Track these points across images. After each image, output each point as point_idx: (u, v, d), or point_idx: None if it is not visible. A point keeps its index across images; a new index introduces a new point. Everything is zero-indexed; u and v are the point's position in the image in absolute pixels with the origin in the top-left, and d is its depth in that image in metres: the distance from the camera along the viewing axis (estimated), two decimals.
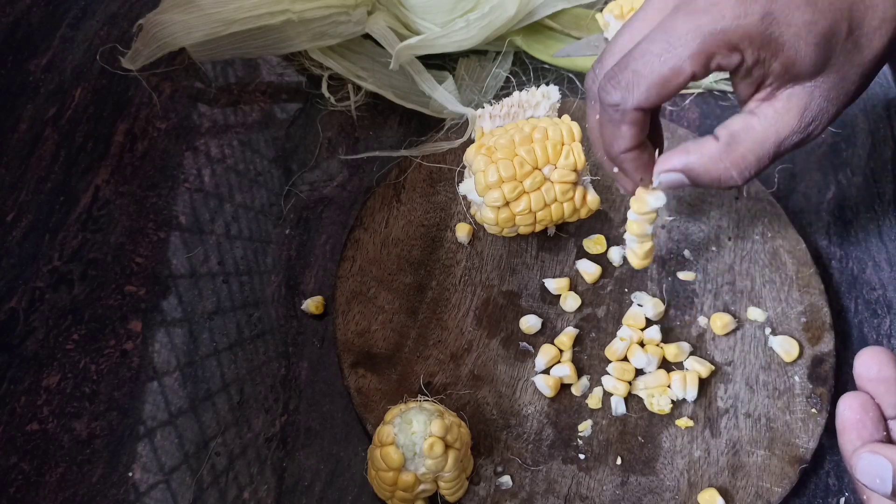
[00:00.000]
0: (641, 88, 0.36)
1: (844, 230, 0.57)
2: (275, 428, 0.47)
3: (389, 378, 0.48)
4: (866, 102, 0.64)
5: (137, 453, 0.46)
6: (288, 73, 0.62)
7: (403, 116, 0.60)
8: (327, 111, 0.60)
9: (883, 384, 0.35)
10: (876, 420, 0.34)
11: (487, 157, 0.48)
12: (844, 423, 0.35)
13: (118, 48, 0.61)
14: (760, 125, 0.38)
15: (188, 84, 0.61)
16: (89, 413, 0.47)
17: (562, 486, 0.45)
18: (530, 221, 0.49)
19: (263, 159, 0.58)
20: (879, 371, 0.35)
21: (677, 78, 0.36)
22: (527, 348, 0.49)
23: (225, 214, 0.55)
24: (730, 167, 0.38)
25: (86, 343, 0.49)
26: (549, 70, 0.63)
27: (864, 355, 0.35)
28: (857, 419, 0.34)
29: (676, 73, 0.35)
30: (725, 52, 0.35)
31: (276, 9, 0.57)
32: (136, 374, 0.48)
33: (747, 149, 0.38)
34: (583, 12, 0.64)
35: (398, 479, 0.41)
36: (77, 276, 0.52)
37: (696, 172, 0.39)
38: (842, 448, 0.35)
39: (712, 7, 0.35)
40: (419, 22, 0.60)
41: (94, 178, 0.56)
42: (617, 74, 0.37)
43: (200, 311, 0.51)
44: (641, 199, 0.43)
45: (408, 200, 0.54)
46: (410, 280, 0.51)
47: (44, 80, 0.60)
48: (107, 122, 0.59)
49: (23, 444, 0.46)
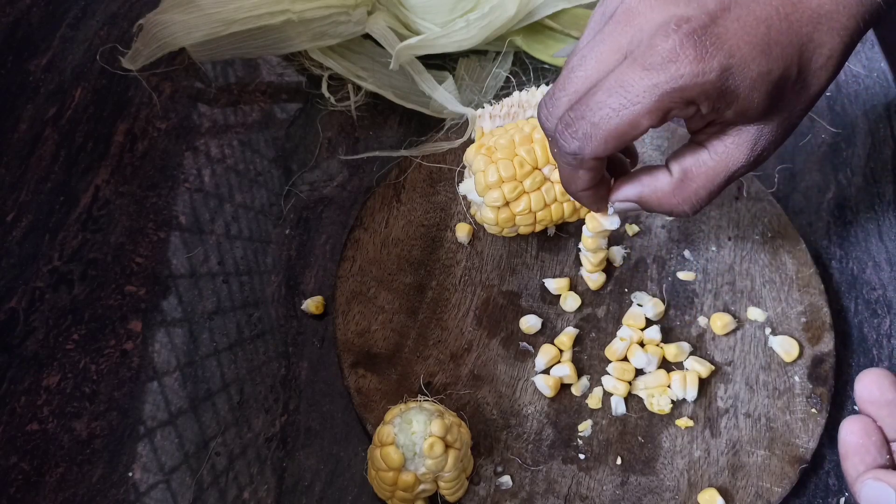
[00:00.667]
0: (599, 140, 0.36)
1: (844, 230, 0.57)
2: (275, 428, 0.47)
3: (389, 378, 0.48)
4: (866, 102, 0.64)
5: (137, 453, 0.46)
6: (288, 73, 0.62)
7: (403, 116, 0.60)
8: (327, 111, 0.60)
9: (885, 407, 0.34)
10: (879, 444, 0.34)
11: (487, 157, 0.48)
12: (847, 447, 0.34)
13: (118, 48, 0.61)
14: (712, 160, 0.39)
15: (188, 84, 0.61)
16: (89, 413, 0.47)
17: (562, 486, 0.45)
18: (530, 221, 0.49)
19: (263, 159, 0.58)
20: (881, 394, 0.34)
21: (634, 131, 0.36)
22: (527, 348, 0.49)
23: (225, 214, 0.55)
24: (682, 202, 0.40)
25: (86, 343, 0.49)
26: (549, 70, 0.63)
27: (865, 378, 0.35)
28: (860, 444, 0.34)
29: (633, 127, 0.36)
30: (682, 107, 0.35)
31: (276, 9, 0.57)
32: (136, 374, 0.48)
33: (700, 185, 0.39)
34: (583, 12, 0.64)
35: (398, 479, 0.41)
36: (77, 276, 0.52)
37: (650, 204, 0.41)
38: (846, 473, 0.34)
39: (669, 64, 0.34)
40: (419, 22, 0.60)
41: (94, 178, 0.56)
42: (573, 123, 0.37)
43: (200, 311, 0.51)
44: (596, 221, 0.45)
45: (408, 200, 0.54)
46: (410, 280, 0.51)
47: (44, 80, 0.60)
48: (107, 122, 0.59)
49: (23, 444, 0.46)
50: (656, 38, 0.34)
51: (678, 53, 0.34)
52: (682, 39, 0.34)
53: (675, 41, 0.34)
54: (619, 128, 0.36)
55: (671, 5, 0.35)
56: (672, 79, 0.34)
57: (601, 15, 0.38)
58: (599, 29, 0.37)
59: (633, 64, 0.35)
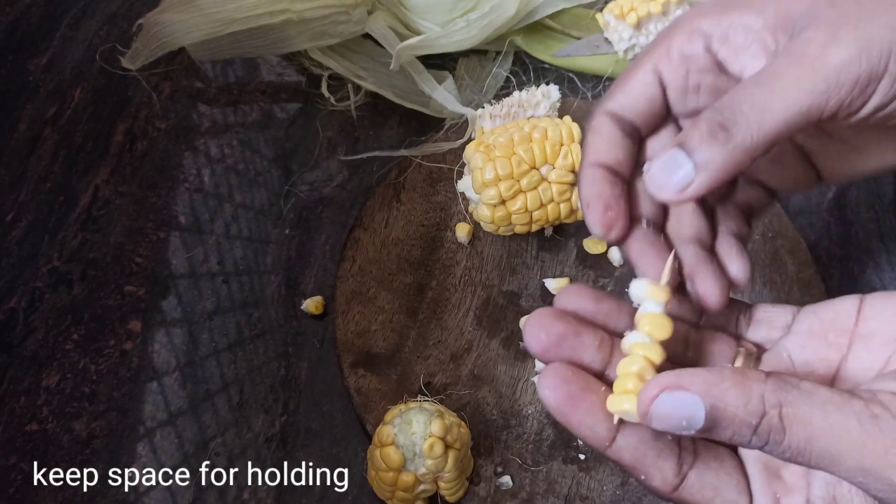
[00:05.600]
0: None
1: (844, 230, 0.57)
2: (275, 428, 0.47)
3: (389, 378, 0.48)
4: None
5: (137, 453, 0.46)
6: (288, 73, 0.62)
7: (403, 116, 0.60)
8: (327, 111, 0.60)
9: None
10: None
11: (485, 155, 0.48)
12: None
13: (118, 48, 0.61)
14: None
15: (188, 84, 0.61)
16: (89, 413, 0.47)
17: (562, 486, 0.45)
18: (526, 221, 0.49)
19: (263, 159, 0.58)
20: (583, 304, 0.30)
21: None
22: (527, 348, 0.49)
23: (225, 214, 0.55)
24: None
25: (85, 343, 0.49)
26: (549, 70, 0.63)
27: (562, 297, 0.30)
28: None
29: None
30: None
31: (275, 8, 0.57)
32: (136, 374, 0.48)
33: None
34: (583, 12, 0.64)
35: (398, 480, 0.41)
36: (77, 276, 0.52)
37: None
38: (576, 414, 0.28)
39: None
40: (419, 22, 0.60)
41: (94, 178, 0.56)
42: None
43: (200, 312, 0.51)
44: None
45: (408, 200, 0.54)
46: (410, 280, 0.51)
47: (43, 79, 0.60)
48: (106, 122, 0.59)
49: (23, 444, 0.46)
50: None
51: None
52: None
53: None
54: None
55: None
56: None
57: None
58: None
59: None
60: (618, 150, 0.32)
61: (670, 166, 0.29)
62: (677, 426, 0.25)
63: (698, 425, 0.25)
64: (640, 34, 0.61)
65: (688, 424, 0.25)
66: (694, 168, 0.28)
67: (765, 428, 0.25)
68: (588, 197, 0.32)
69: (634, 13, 0.59)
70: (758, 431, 0.25)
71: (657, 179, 0.29)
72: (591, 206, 0.31)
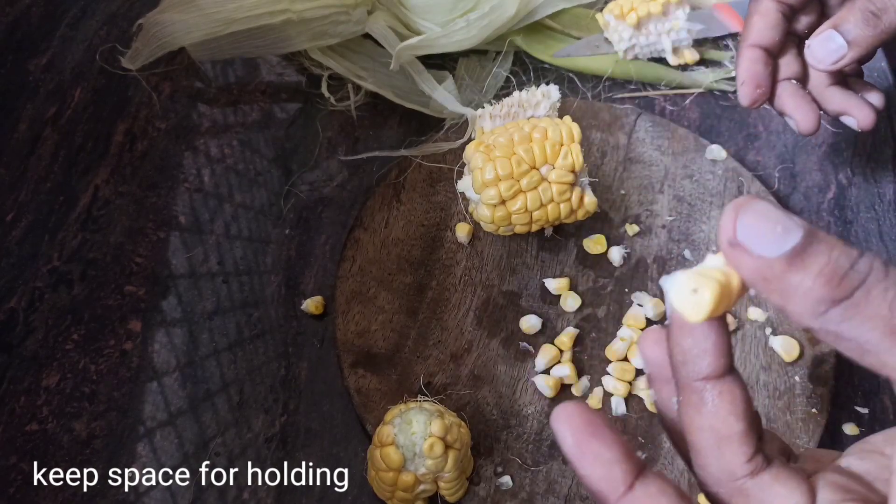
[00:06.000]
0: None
1: (844, 230, 0.57)
2: (275, 428, 0.47)
3: (389, 378, 0.48)
4: None
5: (137, 453, 0.46)
6: (288, 73, 0.62)
7: (403, 116, 0.60)
8: (327, 111, 0.60)
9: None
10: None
11: (485, 155, 0.48)
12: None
13: (118, 48, 0.61)
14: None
15: (188, 84, 0.61)
16: (89, 413, 0.47)
17: (562, 486, 0.45)
18: (526, 221, 0.49)
19: (263, 159, 0.58)
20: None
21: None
22: (527, 348, 0.49)
23: (225, 214, 0.55)
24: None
25: (85, 343, 0.49)
26: (549, 70, 0.63)
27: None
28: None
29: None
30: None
31: (275, 8, 0.57)
32: (136, 374, 0.48)
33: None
34: (583, 12, 0.64)
35: (398, 480, 0.41)
36: (77, 276, 0.52)
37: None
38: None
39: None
40: (419, 22, 0.60)
41: (94, 178, 0.56)
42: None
43: (200, 312, 0.51)
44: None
45: (408, 200, 0.54)
46: (410, 280, 0.51)
47: (43, 79, 0.60)
48: (106, 122, 0.59)
49: (23, 444, 0.46)
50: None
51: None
52: None
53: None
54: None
55: None
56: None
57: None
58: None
59: None
60: (775, 33, 0.42)
61: (827, 43, 0.40)
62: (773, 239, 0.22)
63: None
64: (640, 34, 0.61)
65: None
66: (847, 45, 0.39)
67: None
68: (744, 75, 0.43)
69: (634, 13, 0.60)
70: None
71: (817, 53, 0.41)
72: (746, 83, 0.43)
